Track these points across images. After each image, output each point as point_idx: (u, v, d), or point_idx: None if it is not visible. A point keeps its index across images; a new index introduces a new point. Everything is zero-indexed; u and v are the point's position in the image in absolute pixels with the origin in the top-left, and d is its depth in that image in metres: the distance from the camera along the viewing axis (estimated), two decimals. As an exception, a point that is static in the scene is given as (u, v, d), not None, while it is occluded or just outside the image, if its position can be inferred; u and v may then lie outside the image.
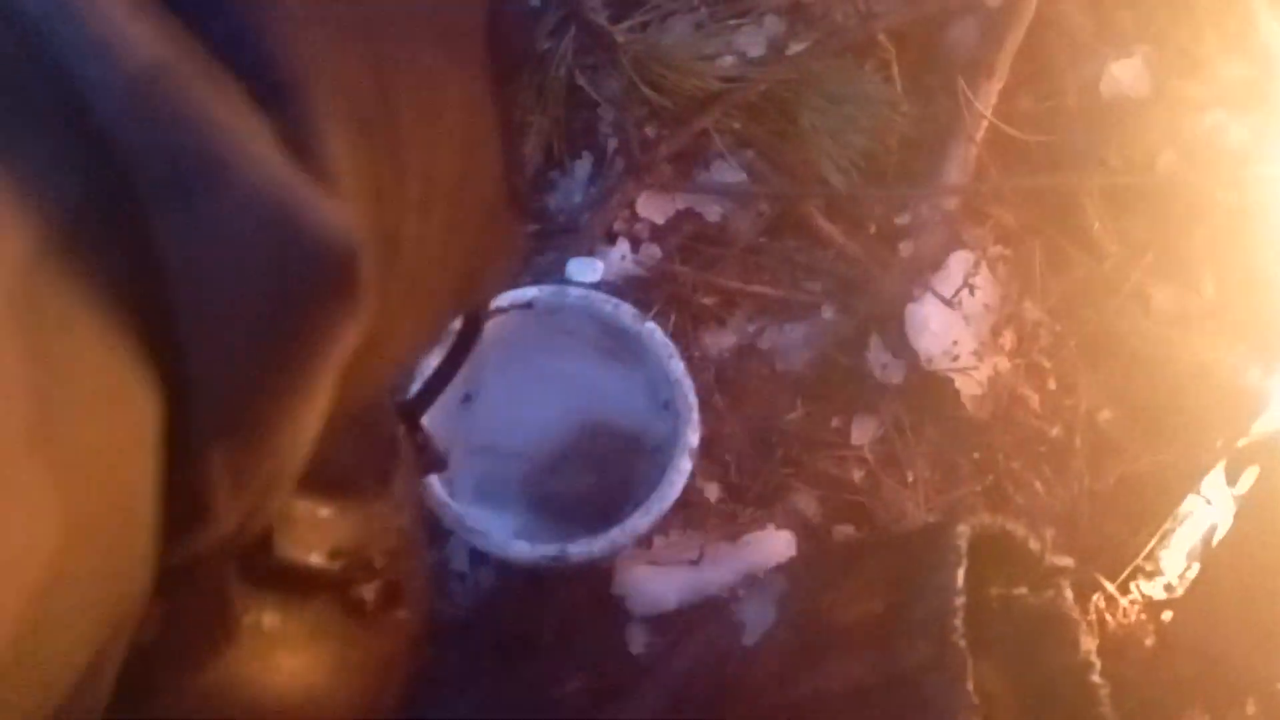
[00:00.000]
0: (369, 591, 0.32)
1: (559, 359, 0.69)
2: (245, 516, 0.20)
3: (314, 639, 0.30)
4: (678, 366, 0.64)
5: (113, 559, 0.17)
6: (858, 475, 0.73)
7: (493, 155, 0.25)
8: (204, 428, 0.18)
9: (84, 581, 0.16)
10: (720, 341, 0.78)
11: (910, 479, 0.72)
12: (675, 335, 0.75)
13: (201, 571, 0.22)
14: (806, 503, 0.73)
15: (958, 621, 0.51)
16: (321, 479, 0.26)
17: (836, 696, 0.53)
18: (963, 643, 0.51)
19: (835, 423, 0.75)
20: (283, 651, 0.29)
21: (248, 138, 0.17)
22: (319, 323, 0.18)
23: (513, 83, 0.25)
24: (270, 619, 0.28)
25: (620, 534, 0.59)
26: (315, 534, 0.29)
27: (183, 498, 0.18)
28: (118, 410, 0.17)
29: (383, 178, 0.20)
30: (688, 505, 0.71)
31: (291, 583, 0.29)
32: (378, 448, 0.34)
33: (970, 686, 0.49)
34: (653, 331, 0.65)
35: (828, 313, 0.78)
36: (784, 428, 0.75)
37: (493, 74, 0.24)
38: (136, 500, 0.17)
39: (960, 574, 0.53)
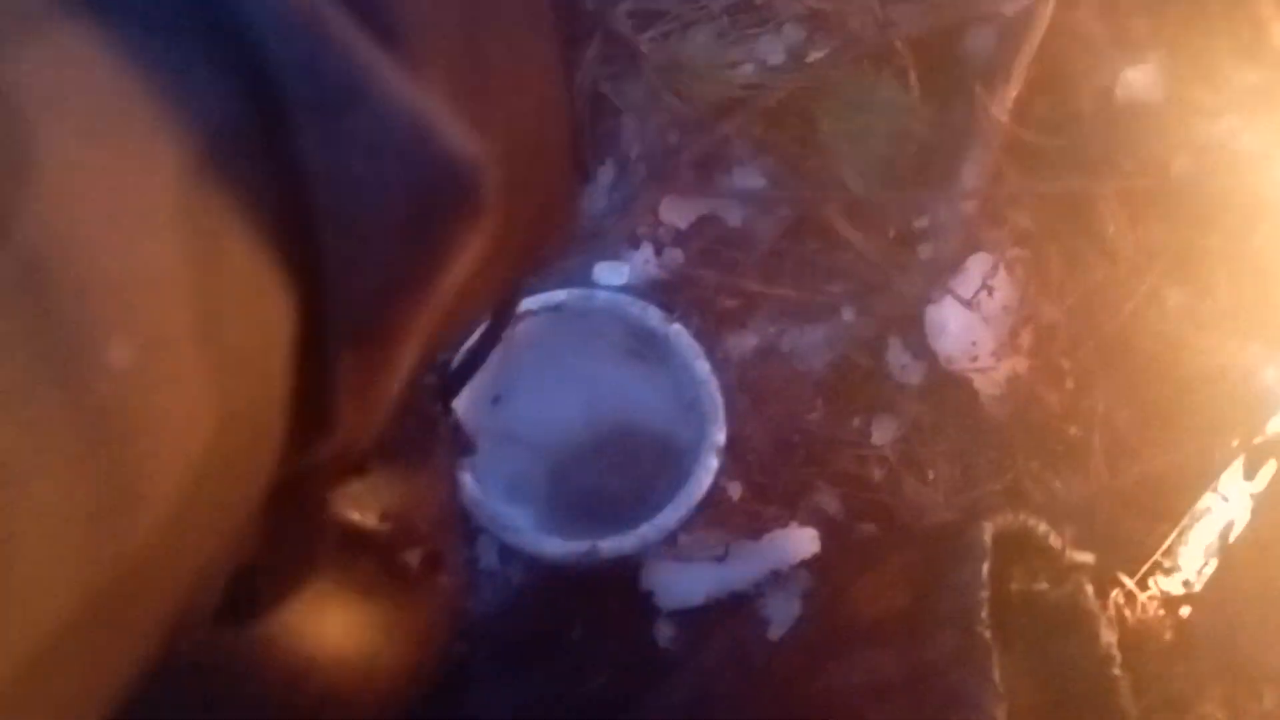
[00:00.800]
0: (413, 556, 0.32)
1: (587, 360, 0.70)
2: (358, 433, 0.21)
3: (364, 599, 0.31)
4: (704, 367, 0.65)
5: (249, 461, 0.18)
6: (878, 474, 0.75)
7: (562, 121, 0.25)
8: (335, 335, 0.19)
9: (225, 480, 0.17)
10: (742, 343, 0.79)
11: (930, 477, 0.74)
12: (698, 337, 0.77)
13: (303, 495, 0.23)
14: (828, 501, 0.74)
15: (983, 614, 0.52)
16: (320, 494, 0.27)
17: (862, 689, 0.54)
18: (988, 635, 0.52)
19: (856, 422, 0.77)
20: (335, 608, 0.30)
21: (384, 62, 0.18)
22: (447, 237, 0.19)
23: (578, 51, 0.26)
24: (324, 576, 0.30)
25: (650, 530, 0.60)
26: (367, 495, 0.30)
27: (309, 406, 0.19)
28: (265, 313, 0.18)
29: (471, 131, 0.21)
30: (712, 503, 0.72)
31: (344, 542, 0.29)
32: (419, 421, 0.35)
33: (996, 678, 0.50)
34: (679, 333, 0.66)
35: (848, 314, 0.79)
36: (805, 427, 0.76)
37: (562, 41, 0.25)
38: (274, 402, 0.18)
39: (985, 569, 0.55)
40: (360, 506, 0.30)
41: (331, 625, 0.30)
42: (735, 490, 0.75)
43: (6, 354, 0.14)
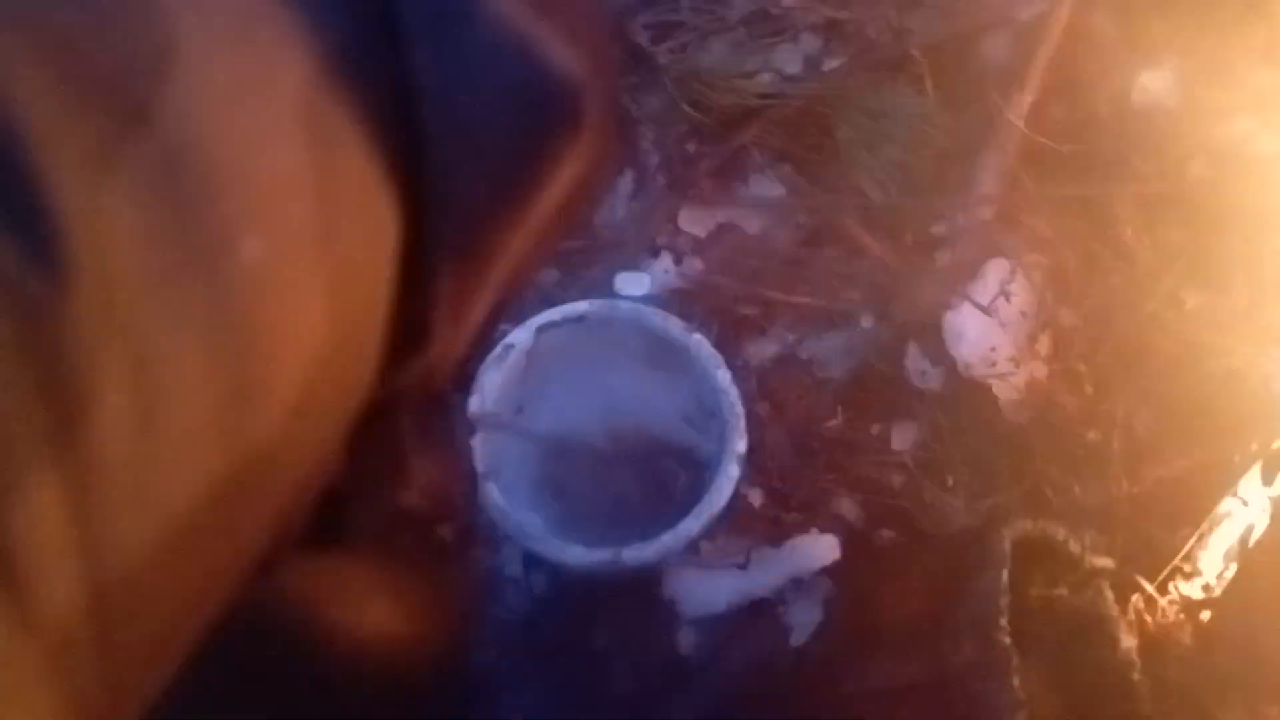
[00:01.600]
0: (449, 531, 0.33)
1: (609, 370, 0.71)
2: (448, 351, 0.21)
3: (407, 572, 0.31)
4: (724, 376, 0.66)
5: (354, 368, 0.19)
6: (898, 480, 0.75)
7: (612, 71, 0.27)
8: (436, 250, 0.19)
9: (334, 385, 0.18)
10: (762, 351, 0.80)
11: (950, 483, 0.74)
12: (718, 345, 0.77)
13: (389, 421, 0.23)
14: (849, 507, 0.75)
15: (1003, 621, 0.53)
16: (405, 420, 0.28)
17: (884, 695, 0.55)
18: (1008, 641, 0.53)
19: (875, 429, 0.77)
20: (380, 582, 0.30)
21: None
22: (549, 154, 0.20)
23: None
24: (369, 552, 0.30)
25: (672, 539, 0.61)
26: (413, 472, 0.31)
27: (406, 322, 0.20)
28: (374, 225, 0.18)
29: (572, 50, 0.22)
30: (733, 511, 0.73)
31: (385, 519, 0.30)
32: (439, 397, 0.35)
33: (1016, 684, 0.51)
34: (700, 343, 0.67)
35: (866, 321, 0.80)
36: (825, 434, 0.77)
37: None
38: (378, 314, 0.19)
39: (1004, 576, 0.55)
40: (399, 483, 0.30)
41: (378, 598, 0.30)
42: (756, 497, 0.76)
43: (153, 239, 0.15)
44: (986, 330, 0.76)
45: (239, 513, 0.17)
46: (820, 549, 0.69)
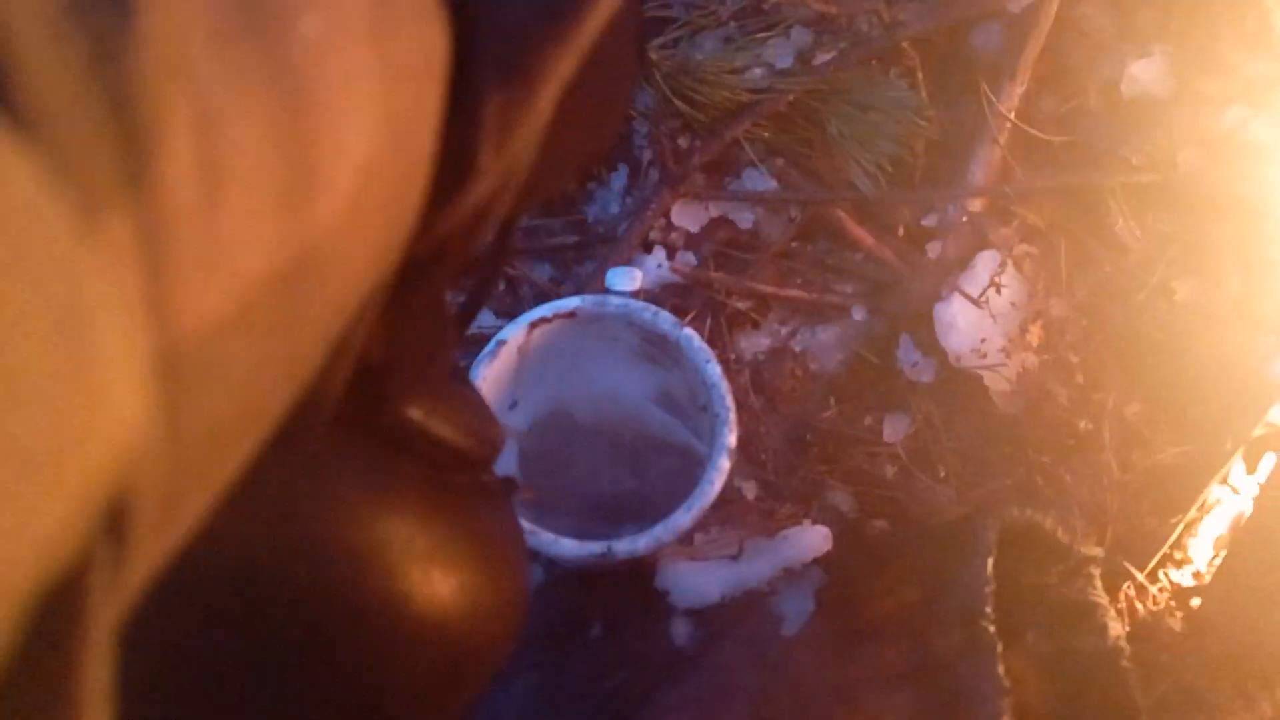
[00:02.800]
0: (490, 475, 0.33)
1: (601, 365, 0.72)
2: (494, 186, 0.21)
3: (464, 513, 0.31)
4: (715, 370, 0.66)
5: (404, 184, 0.19)
6: (891, 471, 0.76)
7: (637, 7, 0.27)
8: (483, 72, 0.20)
9: (388, 186, 0.18)
10: (755, 344, 0.81)
11: (942, 474, 0.75)
12: (711, 339, 0.78)
13: (430, 281, 0.23)
14: (841, 498, 0.75)
15: (988, 609, 0.53)
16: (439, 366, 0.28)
17: (874, 682, 0.55)
18: (993, 629, 0.53)
19: (868, 420, 0.78)
20: (438, 522, 0.30)
21: None
22: None
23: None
24: (428, 490, 0.30)
25: (663, 531, 0.62)
26: (458, 413, 0.31)
27: (452, 153, 0.20)
28: (425, 35, 0.19)
29: None
30: (727, 503, 0.74)
31: (441, 461, 0.30)
32: (451, 343, 0.35)
33: (1001, 671, 0.51)
34: (690, 337, 0.68)
35: (858, 314, 0.80)
36: (818, 426, 0.78)
37: None
38: (430, 124, 0.19)
39: (990, 564, 0.56)
40: (453, 426, 0.30)
41: (437, 539, 0.30)
42: (750, 489, 0.76)
43: None
44: (977, 321, 0.76)
45: (300, 302, 0.17)
46: (812, 540, 0.69)
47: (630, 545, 0.62)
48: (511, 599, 0.32)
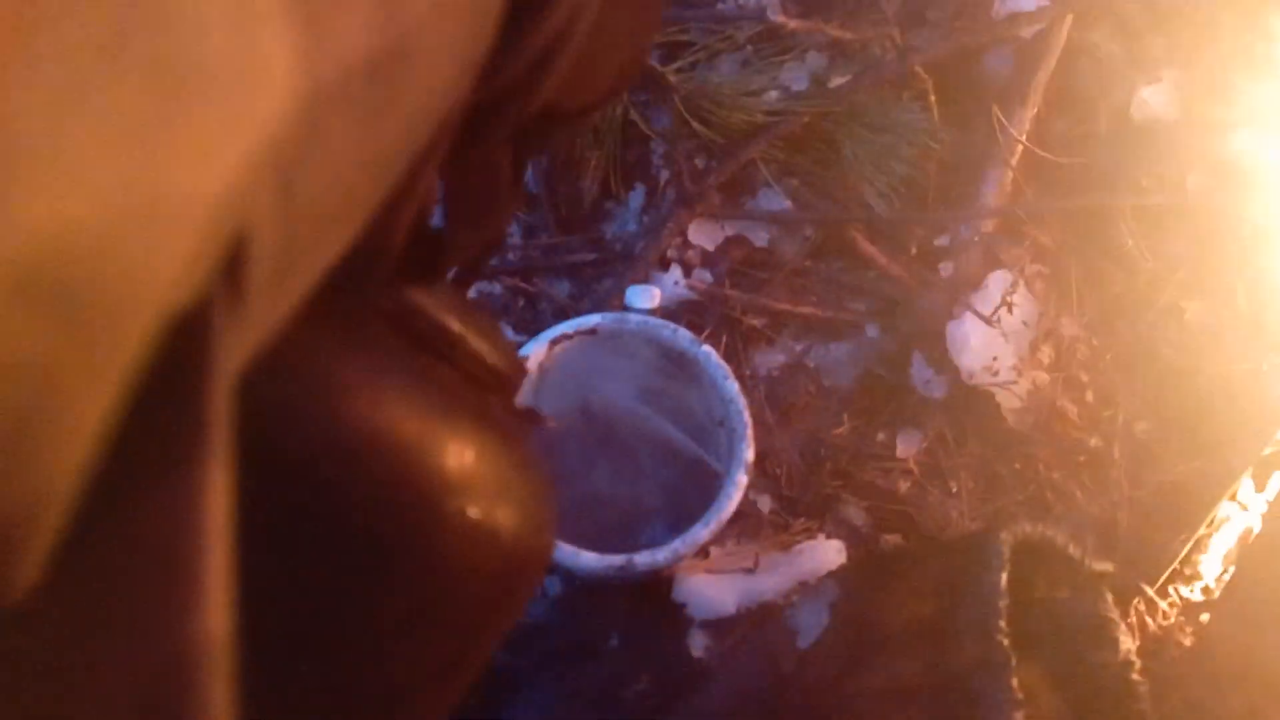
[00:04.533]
0: (515, 403, 0.34)
1: (618, 380, 0.73)
2: (554, 42, 0.22)
3: (504, 429, 0.31)
4: (732, 387, 0.68)
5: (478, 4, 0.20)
6: (903, 486, 0.77)
7: None
8: None
9: (462, 7, 0.20)
10: (770, 360, 0.82)
11: (954, 489, 0.76)
12: (727, 356, 0.80)
13: (490, 135, 0.24)
14: (855, 513, 0.77)
15: (1002, 623, 0.54)
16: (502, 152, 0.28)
17: (888, 694, 0.56)
18: (1007, 642, 0.54)
19: (881, 436, 0.79)
20: (486, 431, 0.30)
21: None
22: None
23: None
24: (470, 400, 0.30)
25: (682, 544, 0.63)
26: (493, 333, 0.32)
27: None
28: None
29: None
30: (742, 516, 0.75)
31: (478, 378, 0.31)
32: (506, 213, 0.34)
33: (1014, 685, 0.53)
34: (709, 354, 0.69)
35: (872, 331, 0.81)
36: (832, 442, 0.79)
37: None
38: None
39: (1003, 578, 0.57)
40: (492, 347, 0.31)
41: (486, 449, 0.30)
42: (765, 503, 0.77)
43: None
44: (989, 339, 0.77)
45: (394, 89, 0.18)
46: (827, 554, 0.71)
47: (650, 558, 0.64)
48: (548, 517, 0.32)
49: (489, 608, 0.31)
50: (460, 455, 0.28)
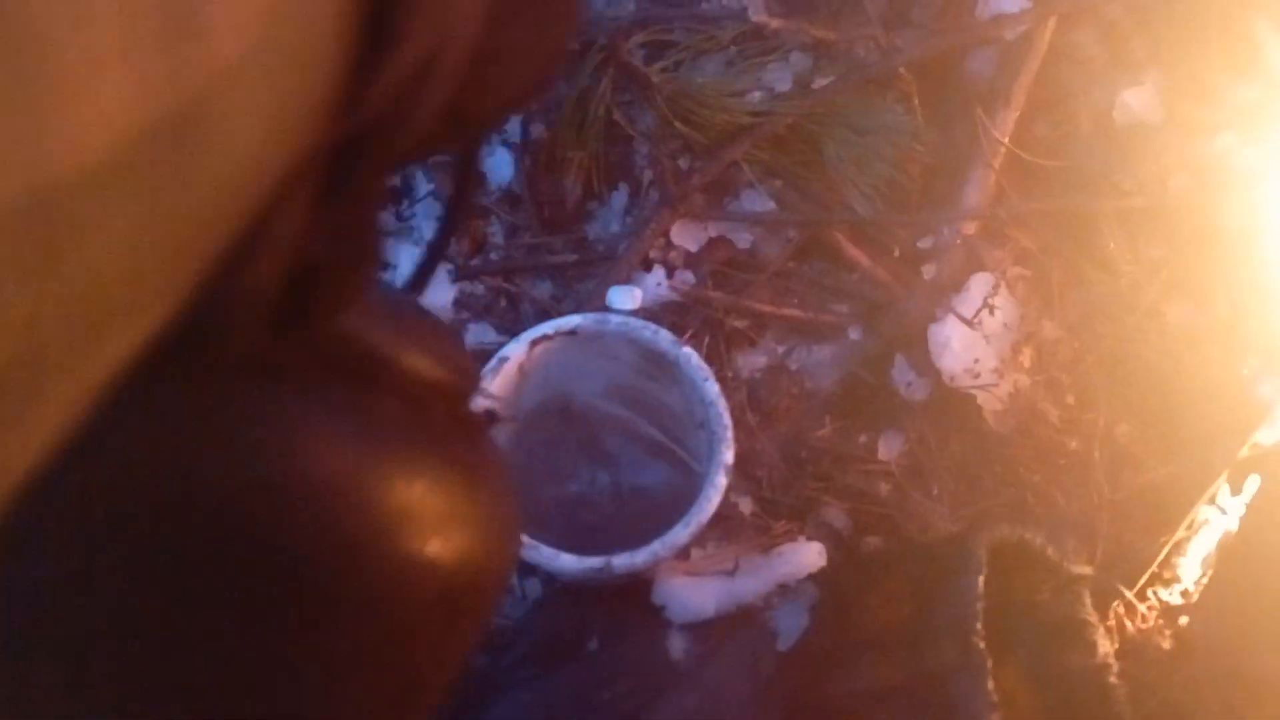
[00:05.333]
0: (469, 408, 0.32)
1: (599, 381, 0.73)
2: (419, 71, 0.20)
3: (447, 447, 0.30)
4: (713, 388, 0.68)
5: (311, 41, 0.18)
6: (885, 489, 0.77)
7: None
8: None
9: (287, 53, 0.17)
10: (752, 362, 0.82)
11: (935, 492, 0.76)
12: (709, 357, 0.79)
13: (360, 168, 0.22)
14: (836, 515, 0.77)
15: (979, 625, 0.54)
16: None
17: (867, 696, 0.56)
18: (983, 644, 0.54)
19: (863, 439, 0.79)
20: (418, 458, 0.29)
21: None
22: None
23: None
24: (406, 426, 0.29)
25: (661, 547, 0.63)
26: (429, 342, 0.30)
27: (368, 12, 0.19)
28: None
29: None
30: (723, 519, 0.75)
31: (416, 392, 0.29)
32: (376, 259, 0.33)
33: (991, 687, 0.53)
34: (689, 355, 0.69)
35: (854, 334, 0.81)
36: (814, 444, 0.79)
37: None
38: None
39: (980, 580, 0.57)
40: (424, 356, 0.30)
41: (422, 474, 0.29)
42: (746, 506, 0.77)
43: None
44: (971, 342, 0.77)
45: (187, 157, 0.16)
46: (807, 556, 0.71)
47: (629, 560, 0.63)
48: (502, 532, 0.32)
49: (437, 636, 0.30)
50: (390, 491, 0.28)
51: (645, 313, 0.82)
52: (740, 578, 0.70)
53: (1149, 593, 0.68)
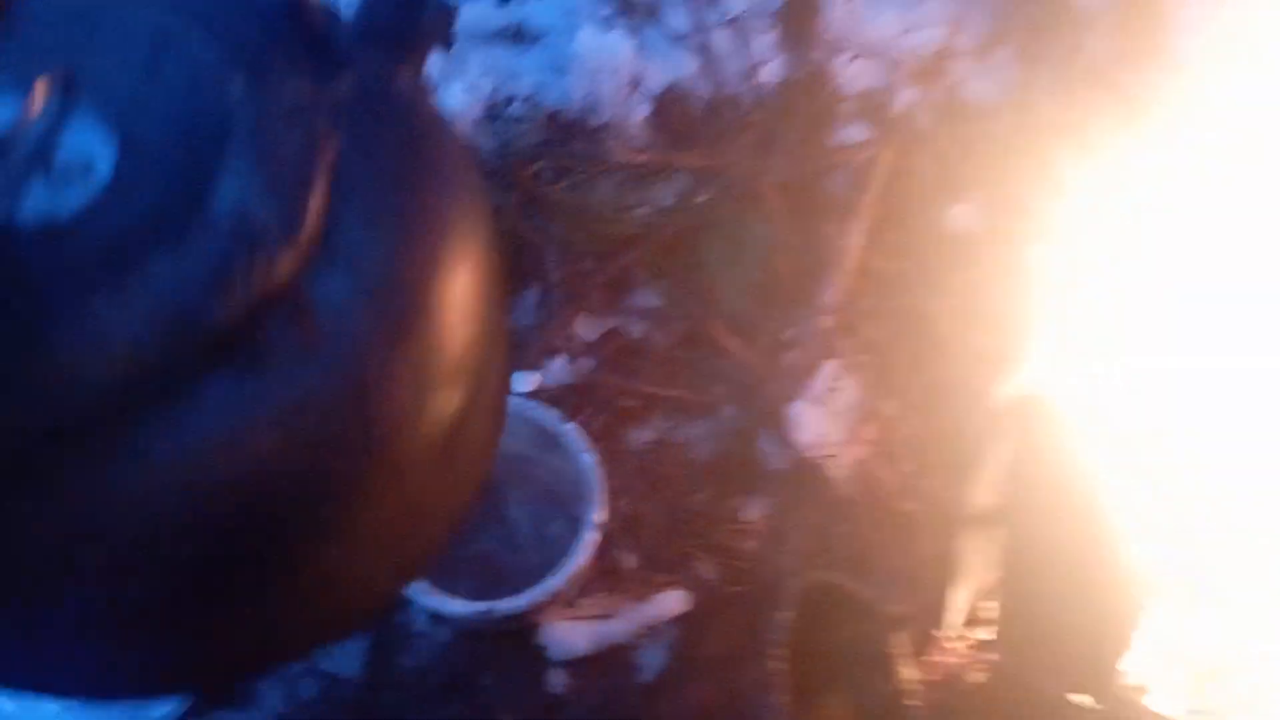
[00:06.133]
0: None
1: (505, 454, 0.86)
2: None
3: None
4: (589, 459, 0.81)
5: None
6: (749, 545, 0.89)
7: None
8: None
9: None
10: (641, 437, 0.95)
11: (790, 547, 0.88)
12: (603, 432, 0.92)
13: None
14: (708, 568, 0.89)
15: (780, 651, 0.66)
16: None
17: (692, 713, 0.68)
18: (786, 668, 0.66)
19: (733, 503, 0.91)
20: None
21: None
22: None
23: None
24: None
25: (538, 593, 0.75)
26: None
27: None
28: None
29: None
30: (608, 573, 0.87)
31: None
32: None
33: (783, 701, 0.64)
34: (571, 431, 0.82)
35: (728, 411, 0.95)
36: (692, 507, 0.91)
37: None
38: None
39: (790, 616, 0.69)
40: None
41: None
42: (631, 561, 0.89)
43: None
44: (822, 419, 0.90)
45: None
46: (672, 602, 0.82)
47: (510, 604, 0.75)
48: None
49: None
50: None
51: (550, 394, 0.95)
52: (614, 621, 0.82)
53: (957, 633, 0.80)
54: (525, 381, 0.93)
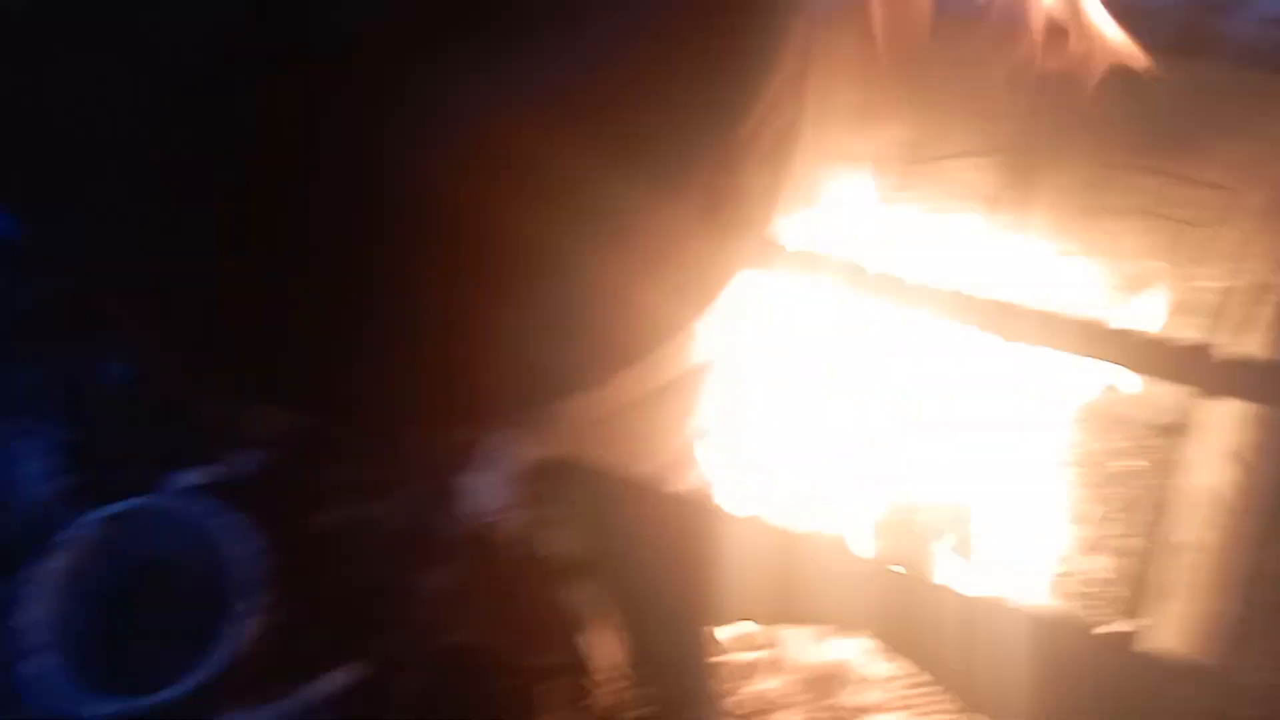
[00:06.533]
0: None
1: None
2: None
3: None
4: (249, 548, 0.84)
5: None
6: (423, 615, 0.94)
7: None
8: None
9: None
10: (326, 519, 0.98)
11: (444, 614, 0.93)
12: (283, 518, 0.95)
13: None
14: (384, 641, 0.93)
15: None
16: None
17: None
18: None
19: (414, 575, 0.96)
20: None
21: None
22: None
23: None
24: None
25: (186, 684, 0.78)
26: None
27: None
28: None
29: None
30: (284, 655, 0.90)
31: None
32: None
33: None
34: (232, 522, 0.85)
35: (412, 487, 0.99)
36: (374, 583, 0.95)
37: None
38: None
39: (422, 682, 0.74)
40: None
41: None
42: (307, 641, 0.92)
43: None
44: (491, 485, 0.97)
45: None
46: (338, 679, 0.86)
47: (162, 697, 0.77)
48: None
49: None
50: None
51: (229, 486, 0.97)
52: (284, 702, 0.85)
53: (613, 674, 0.87)
54: (200, 475, 0.95)
